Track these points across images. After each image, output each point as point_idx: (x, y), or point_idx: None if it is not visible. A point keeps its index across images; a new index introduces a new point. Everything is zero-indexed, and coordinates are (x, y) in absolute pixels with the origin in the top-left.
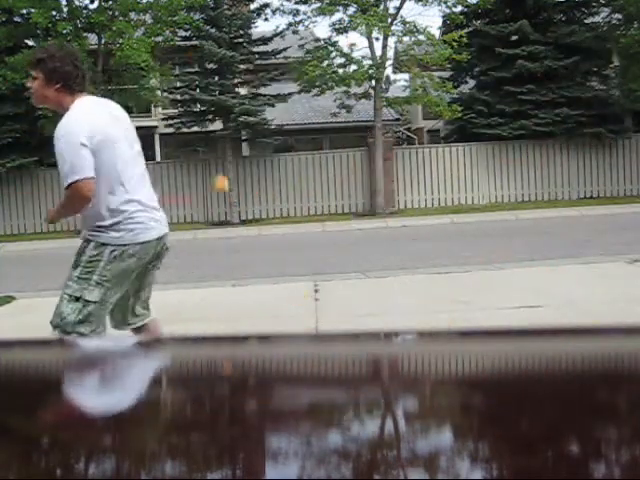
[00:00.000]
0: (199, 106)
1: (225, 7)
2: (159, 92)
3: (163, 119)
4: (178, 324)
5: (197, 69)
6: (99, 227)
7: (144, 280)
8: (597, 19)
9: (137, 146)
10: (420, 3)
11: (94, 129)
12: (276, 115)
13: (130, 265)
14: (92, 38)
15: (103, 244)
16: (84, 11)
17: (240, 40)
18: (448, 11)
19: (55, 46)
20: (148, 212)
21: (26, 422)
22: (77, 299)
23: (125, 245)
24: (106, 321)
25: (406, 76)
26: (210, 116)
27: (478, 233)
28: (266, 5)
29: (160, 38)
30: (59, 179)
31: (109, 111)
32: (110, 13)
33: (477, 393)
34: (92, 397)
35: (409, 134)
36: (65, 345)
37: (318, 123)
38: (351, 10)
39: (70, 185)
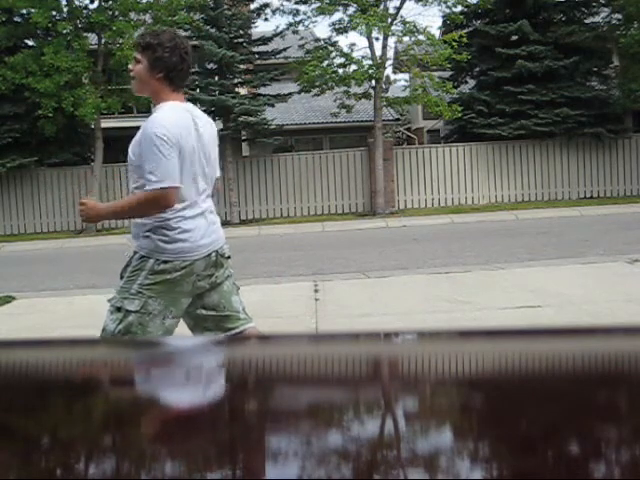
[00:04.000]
0: (199, 106)
1: (225, 7)
2: None
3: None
4: (178, 325)
5: (197, 69)
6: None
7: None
8: (597, 19)
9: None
10: (420, 3)
11: (182, 136)
12: (276, 115)
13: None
14: (92, 38)
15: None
16: (84, 11)
17: (240, 40)
18: (448, 11)
19: (168, 33)
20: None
21: (26, 422)
22: (118, 309)
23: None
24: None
25: (406, 76)
26: (210, 116)
27: (478, 233)
28: (266, 5)
29: None
30: (59, 179)
31: (195, 123)
32: (110, 13)
33: (477, 393)
34: (92, 397)
35: (409, 134)
36: (65, 345)
37: (318, 123)
38: (351, 10)
39: (157, 189)
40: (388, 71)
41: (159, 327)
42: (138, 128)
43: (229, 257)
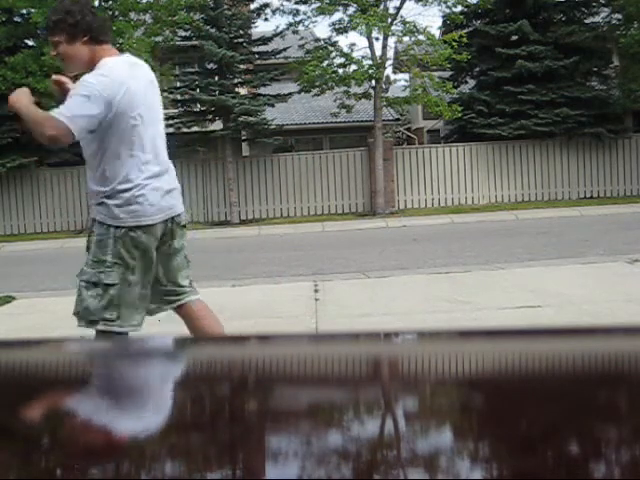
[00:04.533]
0: (199, 106)
1: (225, 7)
2: None
3: (163, 119)
4: (178, 324)
5: (197, 69)
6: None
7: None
8: (597, 19)
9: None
10: (420, 3)
11: (123, 90)
12: (276, 115)
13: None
14: None
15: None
16: None
17: (240, 40)
18: (448, 11)
19: (65, 2)
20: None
21: (25, 422)
22: (95, 284)
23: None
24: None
25: (406, 76)
26: (210, 116)
27: (478, 233)
28: (266, 5)
29: (160, 38)
30: (59, 179)
31: (143, 73)
32: (110, 13)
33: (477, 393)
34: (91, 397)
35: (409, 134)
36: (65, 345)
37: (318, 123)
38: (351, 10)
39: (61, 122)
40: (388, 71)
41: (137, 296)
42: None
43: (184, 226)
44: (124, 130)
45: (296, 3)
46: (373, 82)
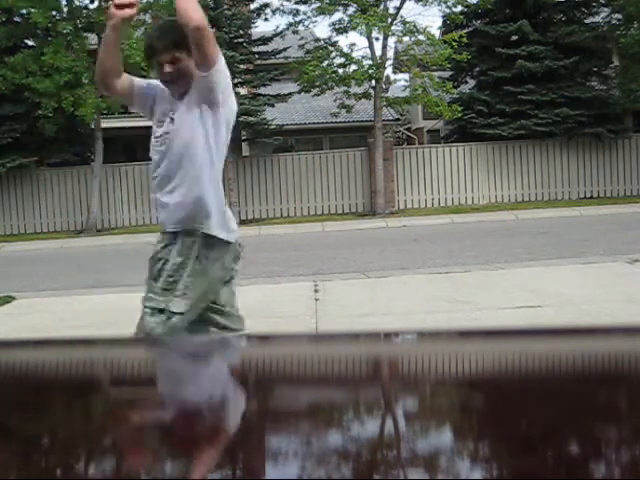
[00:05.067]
0: None
1: (225, 7)
2: None
3: None
4: None
5: None
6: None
7: None
8: (597, 19)
9: None
10: (420, 3)
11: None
12: (276, 115)
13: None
14: (92, 38)
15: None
16: (84, 11)
17: (240, 40)
18: (448, 11)
19: (170, 19)
20: None
21: (25, 422)
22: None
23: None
24: None
25: (406, 76)
26: None
27: (478, 233)
28: (266, 5)
29: None
30: (59, 179)
31: None
32: None
33: (477, 393)
34: (91, 397)
35: (409, 134)
36: (64, 345)
37: (318, 123)
38: (351, 10)
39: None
40: (388, 71)
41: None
42: (138, 128)
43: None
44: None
45: (296, 3)
46: (373, 82)
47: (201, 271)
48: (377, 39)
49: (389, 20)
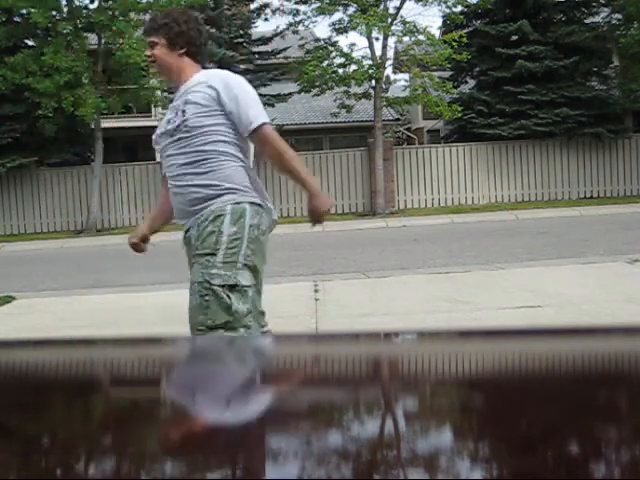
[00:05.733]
0: None
1: (225, 7)
2: (159, 92)
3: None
4: (178, 324)
5: None
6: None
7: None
8: (597, 19)
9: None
10: (420, 3)
11: None
12: (276, 115)
13: None
14: (92, 38)
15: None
16: (84, 11)
17: (240, 40)
18: (448, 11)
19: (178, 9)
20: None
21: (25, 422)
22: (232, 287)
23: None
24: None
25: (406, 76)
26: None
27: (478, 233)
28: (266, 5)
29: None
30: (59, 179)
31: None
32: (110, 13)
33: (477, 393)
34: (92, 397)
35: (409, 134)
36: (64, 345)
37: (318, 123)
38: (351, 10)
39: (263, 125)
40: (388, 71)
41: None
42: (138, 128)
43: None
44: None
45: (296, 3)
46: (373, 82)
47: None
48: (377, 39)
49: (389, 20)
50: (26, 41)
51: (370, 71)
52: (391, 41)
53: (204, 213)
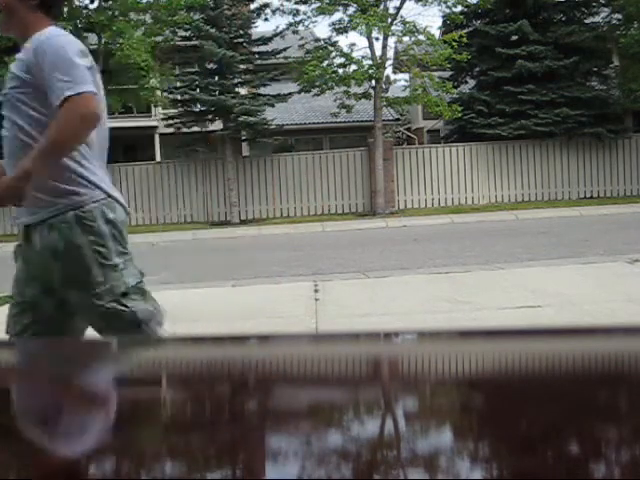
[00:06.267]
0: (199, 106)
1: (225, 7)
2: (159, 92)
3: (163, 119)
4: (178, 324)
5: (197, 69)
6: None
7: None
8: (597, 19)
9: None
10: (420, 3)
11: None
12: (276, 115)
13: None
14: (92, 38)
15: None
16: (84, 11)
17: (240, 40)
18: (448, 11)
19: None
20: None
21: (25, 423)
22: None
23: None
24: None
25: (406, 76)
26: (210, 116)
27: (478, 233)
28: (266, 5)
29: (160, 38)
30: None
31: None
32: (110, 13)
33: (477, 393)
34: (89, 397)
35: (409, 134)
36: (62, 345)
37: (318, 123)
38: (351, 10)
39: (69, 98)
40: (388, 71)
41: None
42: (138, 128)
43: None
44: None
45: (296, 3)
46: (373, 82)
47: None
48: (377, 39)
49: (389, 20)
50: None
51: (370, 71)
52: (391, 41)
53: None
